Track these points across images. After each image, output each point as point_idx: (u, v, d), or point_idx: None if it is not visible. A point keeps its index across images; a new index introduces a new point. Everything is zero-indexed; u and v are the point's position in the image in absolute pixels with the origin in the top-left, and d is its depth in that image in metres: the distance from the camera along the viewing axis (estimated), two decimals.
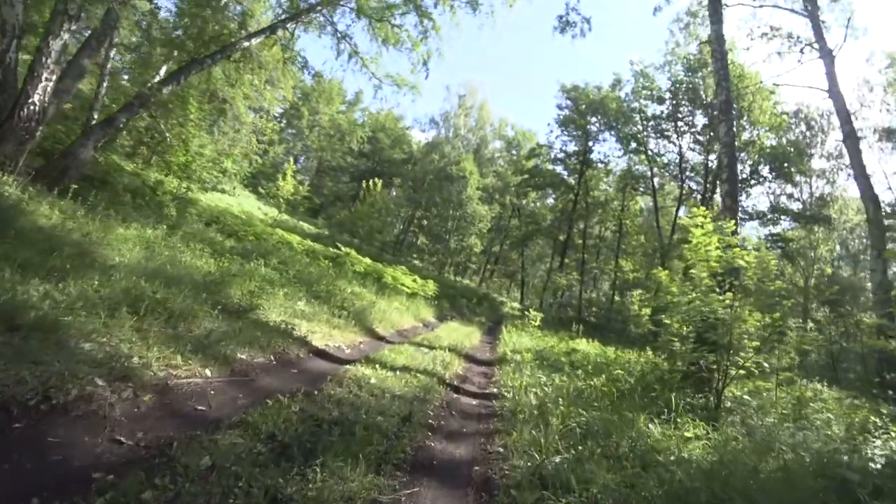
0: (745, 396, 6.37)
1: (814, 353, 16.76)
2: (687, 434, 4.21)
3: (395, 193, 51.26)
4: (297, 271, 9.39)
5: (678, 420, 4.65)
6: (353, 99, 54.30)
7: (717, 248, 7.54)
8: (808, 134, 36.72)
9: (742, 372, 6.43)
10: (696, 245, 7.72)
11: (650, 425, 4.32)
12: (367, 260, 13.85)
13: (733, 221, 8.25)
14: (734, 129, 9.50)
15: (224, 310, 5.34)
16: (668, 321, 8.73)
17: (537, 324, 12.28)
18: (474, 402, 5.31)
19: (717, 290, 7.15)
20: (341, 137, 51.00)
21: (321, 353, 5.51)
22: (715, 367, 6.82)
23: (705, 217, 7.94)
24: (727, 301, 6.53)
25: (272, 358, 4.63)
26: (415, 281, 14.60)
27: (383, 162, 53.55)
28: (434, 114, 56.53)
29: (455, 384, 5.84)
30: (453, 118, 52.69)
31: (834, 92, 16.21)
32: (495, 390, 5.92)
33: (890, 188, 29.78)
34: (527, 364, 7.46)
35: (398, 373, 5.27)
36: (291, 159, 26.89)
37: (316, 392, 3.93)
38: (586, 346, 10.73)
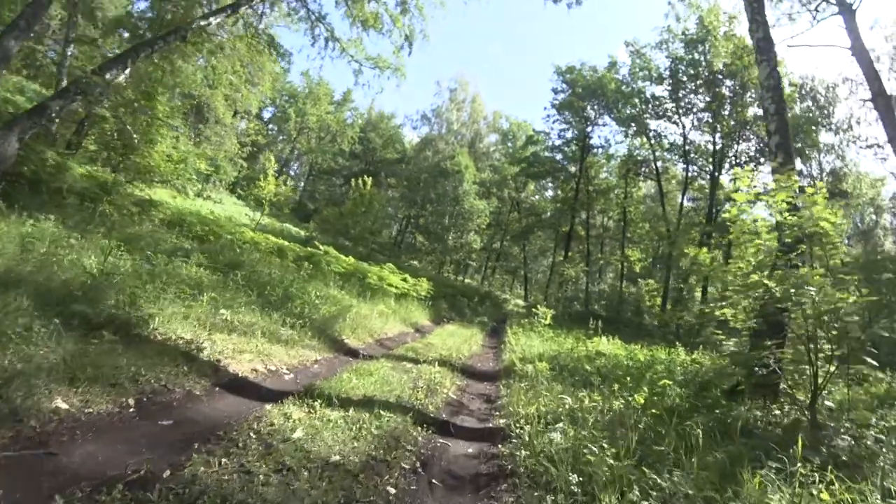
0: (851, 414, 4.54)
1: None
2: None
3: (391, 194, 49.71)
4: (251, 272, 7.57)
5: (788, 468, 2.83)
6: (341, 99, 52.53)
7: (786, 209, 5.75)
8: (813, 108, 34.59)
9: (835, 371, 4.59)
10: (737, 214, 6.01)
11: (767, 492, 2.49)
12: (351, 259, 12.05)
13: (795, 178, 6.45)
14: (777, 69, 7.67)
15: (90, 324, 3.53)
16: (715, 310, 6.93)
17: (548, 322, 10.44)
18: (471, 449, 3.47)
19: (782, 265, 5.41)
20: (332, 139, 49.30)
21: (237, 385, 3.69)
22: (793, 367, 5.05)
23: (751, 178, 6.17)
24: (816, 275, 4.64)
25: (131, 403, 2.81)
26: (405, 280, 12.78)
27: (376, 162, 51.86)
28: (425, 110, 54.53)
29: (442, 418, 4.01)
30: (445, 113, 50.86)
31: (858, 48, 14.35)
32: (502, 422, 4.09)
33: None
34: (542, 376, 5.65)
35: (352, 412, 3.43)
36: (272, 158, 25.05)
37: (168, 474, 2.11)
38: (608, 345, 8.90)
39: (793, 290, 4.61)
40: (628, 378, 5.94)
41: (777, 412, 5.06)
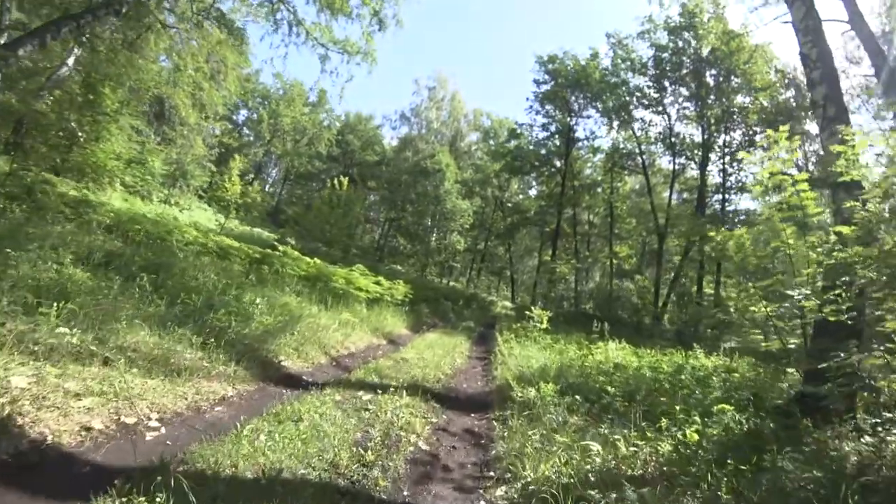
0: None
1: None
2: None
3: (372, 197, 48.17)
4: (174, 276, 5.90)
5: None
6: (316, 100, 50.67)
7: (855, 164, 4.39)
8: (797, 96, 33.58)
9: None
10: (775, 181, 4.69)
11: None
12: (315, 261, 10.39)
13: (851, 132, 5.08)
14: (815, 7, 6.27)
15: None
16: (755, 307, 5.65)
17: (545, 325, 8.81)
18: None
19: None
20: (309, 142, 47.51)
21: (32, 464, 2.05)
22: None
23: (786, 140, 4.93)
24: None
25: None
26: (378, 283, 11.11)
27: (355, 165, 50.12)
28: (404, 109, 53.06)
29: None
30: (424, 112, 49.39)
31: (857, 21, 13.19)
32: None
33: None
34: (548, 403, 4.12)
35: None
36: (238, 158, 23.12)
37: None
38: (617, 352, 7.39)
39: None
40: (663, 399, 4.42)
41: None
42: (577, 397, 4.39)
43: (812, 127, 30.47)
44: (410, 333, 10.46)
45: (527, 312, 9.21)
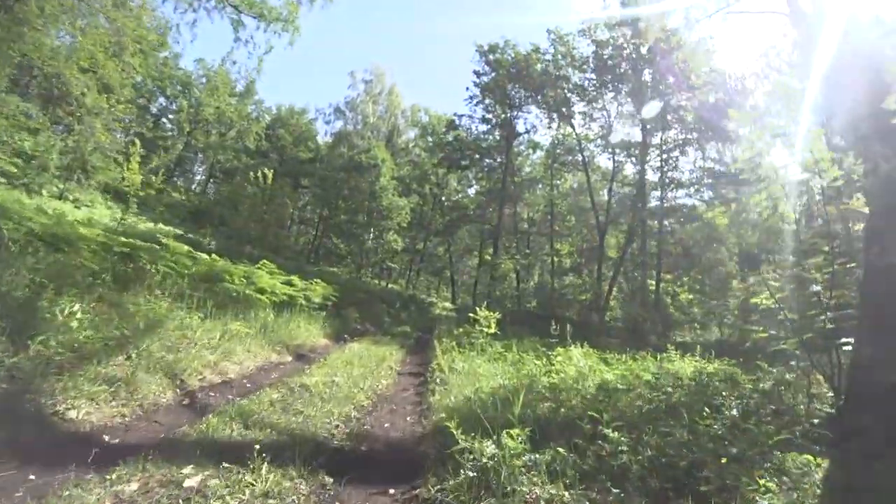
0: None
1: None
2: None
3: (306, 198, 45.32)
4: None
5: None
6: (244, 90, 46.97)
7: None
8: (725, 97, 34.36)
9: None
10: None
11: None
12: (208, 256, 8.23)
13: None
14: None
15: None
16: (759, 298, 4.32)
17: (492, 330, 7.06)
18: None
19: None
20: (237, 136, 43.80)
21: None
22: None
23: None
24: None
25: None
26: (290, 283, 9.01)
27: (287, 161, 46.70)
28: (339, 102, 50.45)
29: None
30: (360, 106, 47.11)
31: (796, 12, 12.72)
32: None
33: None
34: (516, 468, 2.47)
35: None
36: (136, 142, 19.80)
37: None
38: (584, 359, 5.86)
39: None
40: (687, 441, 2.87)
41: None
42: (560, 449, 2.76)
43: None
44: (330, 344, 8.51)
45: (471, 315, 7.51)
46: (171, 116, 43.54)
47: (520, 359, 5.87)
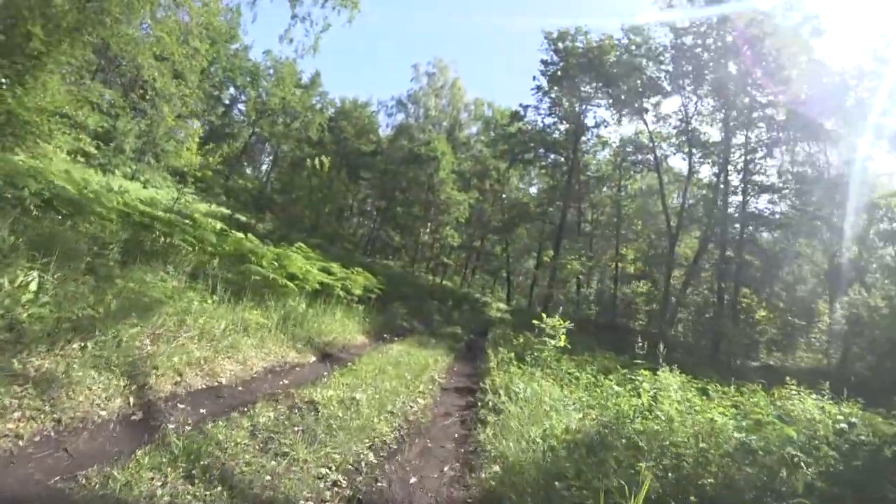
0: None
1: None
2: None
3: (366, 191, 45.43)
4: None
5: None
6: (309, 82, 47.52)
7: None
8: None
9: None
10: None
11: None
12: (244, 235, 7.44)
13: None
14: None
15: None
16: None
17: (562, 343, 5.69)
18: None
19: None
20: (301, 126, 44.37)
21: None
22: None
23: None
24: None
25: None
26: (328, 271, 7.99)
27: (348, 154, 46.87)
28: (401, 95, 50.06)
29: None
30: (423, 99, 46.63)
31: None
32: None
33: None
34: None
35: None
36: (197, 124, 19.76)
37: None
38: (681, 390, 4.40)
39: None
40: None
41: None
42: None
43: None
44: (367, 343, 7.49)
45: (535, 322, 6.17)
46: (240, 107, 44.74)
47: (597, 382, 4.53)
